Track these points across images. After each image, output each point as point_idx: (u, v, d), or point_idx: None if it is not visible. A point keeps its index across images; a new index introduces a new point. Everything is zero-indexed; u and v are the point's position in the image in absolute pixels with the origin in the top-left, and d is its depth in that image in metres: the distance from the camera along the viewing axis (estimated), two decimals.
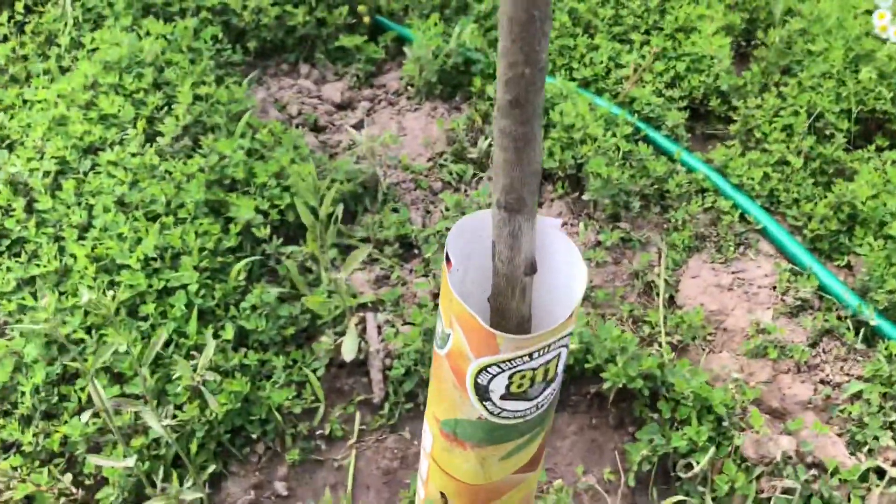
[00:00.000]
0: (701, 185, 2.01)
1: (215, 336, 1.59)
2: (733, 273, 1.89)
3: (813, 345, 1.75)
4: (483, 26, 2.36)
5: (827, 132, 2.07)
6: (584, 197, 1.99)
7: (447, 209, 2.00)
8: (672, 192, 1.99)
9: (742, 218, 1.97)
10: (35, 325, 1.22)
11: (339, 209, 1.52)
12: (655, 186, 2.01)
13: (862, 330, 1.75)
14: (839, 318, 1.78)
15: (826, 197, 1.95)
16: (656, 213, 2.01)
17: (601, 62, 2.21)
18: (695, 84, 2.17)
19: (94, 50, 2.16)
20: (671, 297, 1.88)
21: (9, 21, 2.30)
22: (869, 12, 2.26)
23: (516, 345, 0.83)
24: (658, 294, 1.86)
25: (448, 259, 0.85)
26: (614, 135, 1.99)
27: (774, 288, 1.85)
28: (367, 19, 2.44)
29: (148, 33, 2.19)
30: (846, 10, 2.25)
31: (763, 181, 2.00)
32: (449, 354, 0.89)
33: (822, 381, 1.71)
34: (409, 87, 2.35)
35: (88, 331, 1.57)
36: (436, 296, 1.82)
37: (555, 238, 0.88)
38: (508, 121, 0.72)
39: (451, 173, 2.12)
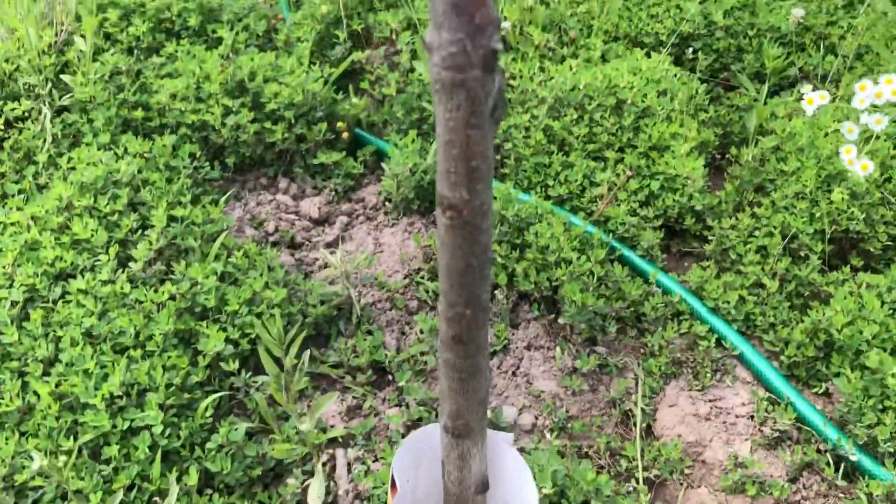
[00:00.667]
0: (677, 308, 2.00)
1: (179, 480, 1.55)
2: (710, 401, 1.86)
3: (793, 480, 1.72)
4: None
5: (801, 253, 2.07)
6: (560, 321, 1.98)
7: (421, 332, 1.98)
8: (648, 316, 1.98)
9: (719, 343, 1.95)
10: None
11: (306, 357, 1.49)
12: (631, 309, 2.00)
13: (842, 465, 1.72)
14: (819, 451, 1.75)
15: (802, 321, 1.94)
16: (633, 336, 1.99)
17: (576, 180, 2.22)
18: (669, 203, 2.18)
19: (71, 169, 2.16)
20: (648, 427, 1.85)
21: None
22: (838, 131, 2.29)
23: None
24: (636, 424, 1.83)
25: (393, 483, 0.82)
26: (588, 259, 1.99)
27: (752, 417, 1.82)
28: (346, 135, 2.46)
29: (126, 151, 2.20)
30: (816, 128, 2.28)
31: (739, 304, 1.99)
32: None
33: None
34: (386, 203, 2.35)
35: (47, 477, 1.52)
36: (409, 427, 1.78)
37: (507, 453, 0.86)
38: (451, 354, 0.70)
39: (427, 291, 2.11)
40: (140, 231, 2.01)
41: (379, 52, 2.68)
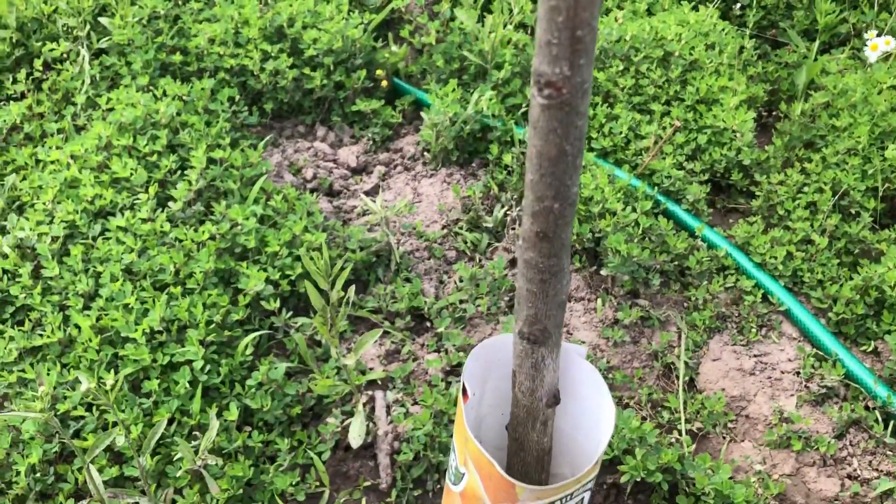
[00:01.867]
0: (722, 263, 1.96)
1: (219, 415, 1.54)
2: (755, 356, 1.83)
3: (839, 436, 1.68)
4: (501, 93, 2.33)
5: (852, 210, 2.01)
6: (602, 272, 1.94)
7: (461, 280, 1.95)
8: (693, 270, 1.94)
9: (765, 298, 1.91)
10: (31, 412, 1.17)
11: (351, 291, 1.47)
12: (675, 263, 1.96)
13: (891, 423, 1.68)
14: (867, 408, 1.71)
15: (852, 279, 1.89)
16: (676, 290, 1.96)
17: (620, 132, 2.17)
18: (716, 157, 2.13)
19: (109, 110, 2.15)
20: (691, 381, 1.82)
21: (27, 78, 2.29)
22: (894, 87, 2.22)
23: (537, 496, 0.78)
24: (678, 377, 1.80)
25: (465, 390, 0.80)
26: (634, 209, 1.94)
27: (798, 374, 1.78)
28: (384, 83, 2.42)
29: (165, 94, 2.17)
30: (871, 84, 2.22)
31: (786, 261, 1.94)
32: (463, 494, 0.84)
33: (849, 476, 1.64)
34: (425, 153, 2.32)
35: (89, 408, 1.52)
36: (448, 373, 1.76)
37: (580, 366, 0.83)
38: (534, 253, 0.67)
39: (465, 242, 2.08)
40: (179, 172, 1.99)
41: (419, 0, 2.63)
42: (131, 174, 1.92)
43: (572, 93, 0.61)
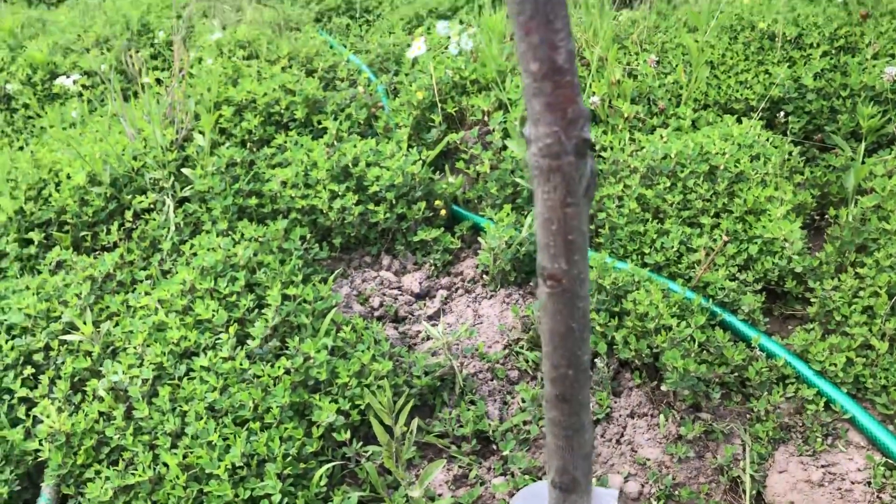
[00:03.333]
0: (782, 372, 1.98)
1: None
2: (823, 467, 1.82)
3: None
4: None
5: None
6: (663, 387, 1.98)
7: (523, 401, 2.02)
8: (753, 380, 1.96)
9: (827, 406, 1.91)
10: None
11: (414, 424, 1.56)
12: (735, 374, 1.99)
13: None
14: None
15: None
16: (737, 401, 1.98)
17: (672, 247, 2.25)
18: (768, 266, 2.18)
19: (193, 255, 2.34)
20: (758, 494, 1.82)
21: (119, 229, 2.52)
22: None
23: None
24: (745, 491, 1.81)
25: None
26: (688, 324, 2.00)
27: (869, 483, 1.77)
28: (443, 212, 2.57)
29: (242, 236, 2.36)
30: None
31: (847, 367, 1.95)
32: None
33: None
34: (484, 275, 2.43)
35: None
36: (514, 496, 1.81)
37: None
38: (557, 412, 0.76)
39: (527, 361, 2.16)
40: (256, 310, 2.15)
41: (472, 132, 2.81)
42: (213, 315, 2.08)
43: (571, 282, 0.72)
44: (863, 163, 2.48)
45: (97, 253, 2.51)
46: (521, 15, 0.64)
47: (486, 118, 2.86)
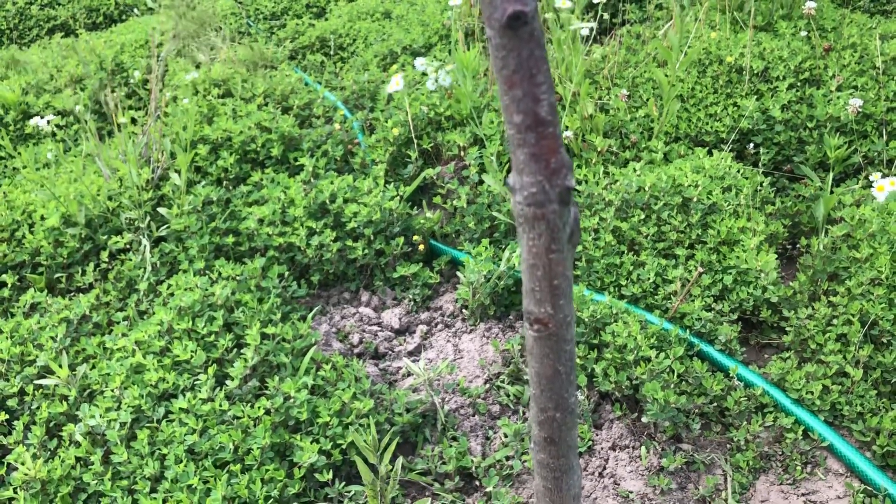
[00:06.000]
0: (760, 401, 2.00)
1: None
2: (804, 495, 1.84)
3: None
4: None
5: (884, 340, 2.06)
6: (644, 419, 2.00)
7: (506, 436, 2.02)
8: (732, 410, 1.98)
9: (806, 434, 1.94)
10: None
11: (398, 464, 1.55)
12: (714, 404, 2.00)
13: None
14: None
15: (892, 409, 1.91)
16: (718, 431, 1.99)
17: (648, 278, 2.27)
18: (743, 296, 2.21)
19: (170, 295, 2.33)
20: None
21: (94, 269, 2.50)
22: None
23: None
24: None
25: None
26: (667, 356, 2.02)
27: None
28: (422, 247, 2.58)
29: (220, 275, 2.35)
30: (886, 213, 2.30)
31: (823, 395, 1.98)
32: None
33: None
34: (463, 310, 2.44)
35: None
36: None
37: None
38: (545, 455, 0.77)
39: (508, 395, 2.16)
40: (235, 350, 2.13)
41: (449, 167, 2.83)
42: (191, 356, 2.06)
43: (557, 326, 0.73)
44: (831, 192, 2.53)
45: (72, 294, 2.49)
46: (505, 69, 0.66)
47: (462, 153, 2.89)
